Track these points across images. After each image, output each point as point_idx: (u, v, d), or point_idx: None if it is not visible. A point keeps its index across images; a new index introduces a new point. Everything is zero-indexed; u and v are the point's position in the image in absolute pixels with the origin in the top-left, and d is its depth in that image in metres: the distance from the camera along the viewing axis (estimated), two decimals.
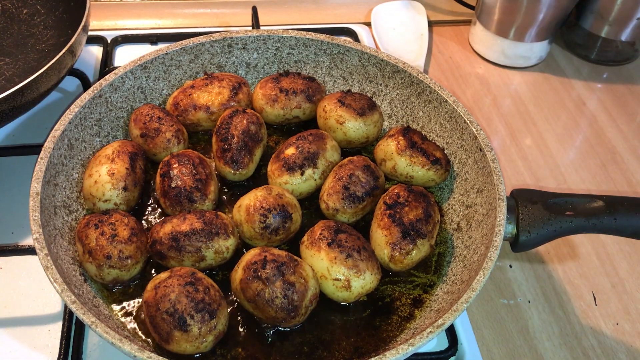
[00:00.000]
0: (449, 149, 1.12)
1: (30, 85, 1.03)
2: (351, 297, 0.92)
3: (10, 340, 0.96)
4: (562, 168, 1.33)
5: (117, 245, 0.91)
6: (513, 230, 0.96)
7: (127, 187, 1.00)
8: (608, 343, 1.04)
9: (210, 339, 0.85)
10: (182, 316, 0.83)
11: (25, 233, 1.09)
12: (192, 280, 0.86)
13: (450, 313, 0.82)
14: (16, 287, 1.03)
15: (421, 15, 1.63)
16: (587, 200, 0.96)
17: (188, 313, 0.83)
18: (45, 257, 0.84)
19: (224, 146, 1.06)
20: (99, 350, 0.95)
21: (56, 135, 0.99)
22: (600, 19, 1.49)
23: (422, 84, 1.15)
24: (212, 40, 1.20)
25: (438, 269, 1.01)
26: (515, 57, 1.53)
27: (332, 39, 1.21)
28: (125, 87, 1.13)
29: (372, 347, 0.91)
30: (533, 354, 1.02)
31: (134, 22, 1.56)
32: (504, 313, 1.07)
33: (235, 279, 0.91)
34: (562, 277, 1.13)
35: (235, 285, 0.91)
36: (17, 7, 1.39)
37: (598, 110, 1.46)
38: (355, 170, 1.03)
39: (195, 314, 0.83)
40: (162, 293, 0.85)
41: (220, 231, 0.94)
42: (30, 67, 1.28)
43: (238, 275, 0.90)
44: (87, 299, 0.88)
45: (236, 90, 1.16)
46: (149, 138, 1.08)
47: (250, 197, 0.99)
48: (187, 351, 0.85)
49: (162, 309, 0.84)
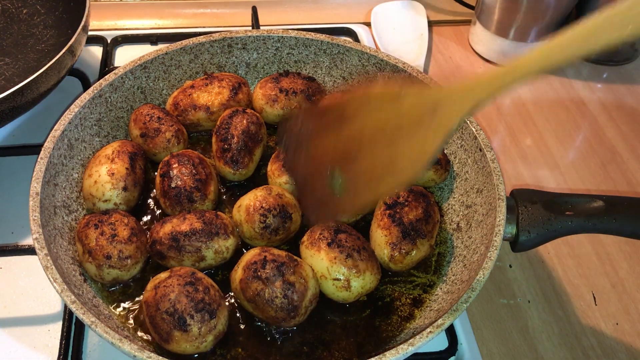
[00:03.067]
0: (449, 149, 1.12)
1: (30, 85, 1.03)
2: (351, 297, 0.92)
3: (10, 340, 0.96)
4: (562, 168, 1.33)
5: (117, 245, 0.91)
6: (513, 230, 0.96)
7: (127, 187, 1.00)
8: (608, 343, 1.04)
9: (210, 338, 0.85)
10: (182, 316, 0.83)
11: (25, 233, 1.09)
12: (192, 280, 0.86)
13: (450, 313, 0.82)
14: (16, 287, 1.03)
15: (421, 15, 1.62)
16: (587, 200, 0.96)
17: (188, 313, 0.83)
18: (45, 257, 0.84)
19: (224, 146, 1.06)
20: (99, 350, 0.95)
21: (56, 135, 0.99)
22: None
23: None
24: (212, 40, 1.20)
25: (438, 269, 1.01)
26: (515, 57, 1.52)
27: (332, 39, 1.21)
28: (125, 87, 1.13)
29: (372, 347, 0.91)
30: (533, 354, 1.02)
31: (134, 22, 1.56)
32: (504, 313, 1.07)
33: (235, 279, 0.91)
34: (562, 277, 1.13)
35: (235, 285, 0.91)
36: (17, 7, 1.39)
37: (598, 110, 1.46)
38: None
39: (195, 314, 0.83)
40: (162, 293, 0.85)
41: (220, 231, 0.94)
42: (30, 67, 1.28)
43: (238, 275, 0.90)
44: (87, 299, 0.88)
45: (236, 90, 1.16)
46: (149, 138, 1.08)
47: (250, 197, 0.99)
48: (187, 351, 0.85)
49: (162, 308, 0.84)
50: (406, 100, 0.72)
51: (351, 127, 0.76)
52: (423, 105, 0.71)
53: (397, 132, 0.73)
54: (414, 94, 0.72)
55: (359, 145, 0.76)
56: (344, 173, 0.78)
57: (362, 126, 0.75)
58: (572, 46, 0.60)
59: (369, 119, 0.75)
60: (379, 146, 0.75)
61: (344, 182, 0.78)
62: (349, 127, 0.76)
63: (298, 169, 0.85)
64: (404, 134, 0.73)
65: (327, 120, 0.79)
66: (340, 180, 0.78)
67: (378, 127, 0.74)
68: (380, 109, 0.73)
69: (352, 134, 0.76)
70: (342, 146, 0.77)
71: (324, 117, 0.79)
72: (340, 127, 0.77)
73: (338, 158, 0.78)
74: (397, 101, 0.72)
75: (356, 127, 0.76)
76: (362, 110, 0.75)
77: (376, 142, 0.75)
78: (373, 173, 0.76)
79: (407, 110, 0.72)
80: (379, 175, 0.76)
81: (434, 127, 0.70)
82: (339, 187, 0.79)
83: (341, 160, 0.78)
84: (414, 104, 0.71)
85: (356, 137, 0.76)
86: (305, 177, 0.84)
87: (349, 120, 0.76)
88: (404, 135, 0.72)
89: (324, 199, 0.81)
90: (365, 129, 0.75)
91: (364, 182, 0.77)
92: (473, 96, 0.68)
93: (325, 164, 0.79)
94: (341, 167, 0.78)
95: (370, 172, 0.76)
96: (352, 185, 0.78)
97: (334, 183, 0.79)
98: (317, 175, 0.81)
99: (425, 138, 0.71)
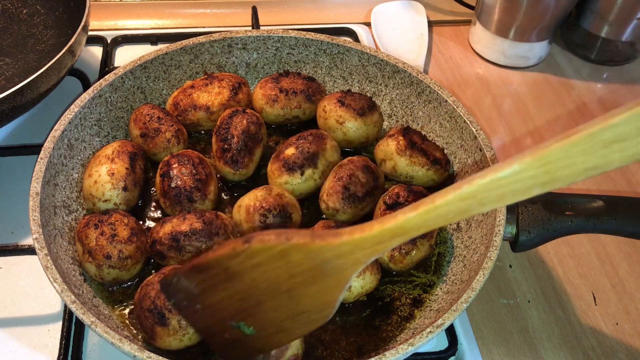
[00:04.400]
0: (449, 149, 1.12)
1: (30, 85, 1.03)
2: (351, 297, 0.92)
3: (10, 340, 0.96)
4: None
5: (116, 245, 0.92)
6: (513, 230, 0.96)
7: (127, 187, 1.00)
8: (608, 343, 1.04)
9: (191, 331, 0.84)
10: (161, 311, 0.84)
11: (25, 233, 1.09)
12: None
13: (450, 313, 0.82)
14: (16, 287, 1.03)
15: (421, 15, 1.62)
16: (587, 200, 0.96)
17: (166, 307, 0.84)
18: (45, 257, 0.84)
19: (224, 146, 1.06)
20: (99, 350, 0.95)
21: (56, 135, 0.99)
22: (600, 19, 1.49)
23: (422, 84, 1.15)
24: (212, 40, 1.20)
25: (438, 268, 1.01)
26: (515, 57, 1.52)
27: (332, 39, 1.21)
28: (125, 87, 1.13)
29: (372, 347, 0.91)
30: (533, 354, 1.02)
31: (134, 22, 1.56)
32: (504, 313, 1.07)
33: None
34: (562, 277, 1.13)
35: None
36: (17, 7, 1.39)
37: (598, 110, 1.46)
38: (355, 171, 1.03)
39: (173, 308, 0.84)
40: (145, 292, 0.86)
41: (220, 231, 0.94)
42: (30, 67, 1.28)
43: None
44: (87, 299, 0.88)
45: (236, 90, 1.16)
46: (148, 138, 1.08)
47: (250, 197, 0.99)
48: (172, 346, 0.85)
49: (145, 307, 0.85)
50: (293, 256, 0.68)
51: (241, 283, 0.72)
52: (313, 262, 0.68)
53: (292, 286, 0.71)
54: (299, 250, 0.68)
55: (257, 298, 0.73)
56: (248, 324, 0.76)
57: (252, 281, 0.71)
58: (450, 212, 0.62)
59: (259, 274, 0.71)
60: (278, 299, 0.72)
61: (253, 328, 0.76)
62: (239, 283, 0.72)
63: (198, 324, 0.81)
64: (300, 289, 0.71)
65: (210, 277, 0.73)
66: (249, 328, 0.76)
67: (271, 282, 0.71)
68: (268, 263, 0.69)
69: (244, 288, 0.72)
70: (238, 300, 0.74)
71: (206, 274, 0.74)
72: (229, 282, 0.73)
73: (238, 311, 0.75)
74: (283, 256, 0.68)
75: (247, 283, 0.72)
76: (248, 266, 0.70)
77: (274, 295, 0.72)
78: (280, 320, 0.75)
79: (297, 265, 0.69)
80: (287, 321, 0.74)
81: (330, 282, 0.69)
82: (248, 330, 0.76)
83: (242, 314, 0.75)
84: (303, 259, 0.68)
85: (250, 292, 0.72)
86: (209, 328, 0.80)
87: (236, 276, 0.72)
88: (301, 289, 0.71)
89: (235, 339, 0.78)
90: (258, 283, 0.71)
91: (273, 328, 0.76)
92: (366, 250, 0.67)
93: (226, 317, 0.76)
94: (244, 318, 0.76)
95: (276, 319, 0.75)
96: (262, 330, 0.76)
97: (241, 327, 0.76)
98: (221, 326, 0.78)
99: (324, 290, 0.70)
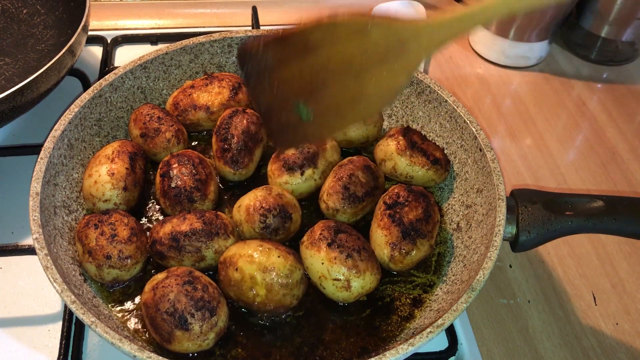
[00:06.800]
0: (449, 149, 1.12)
1: (30, 85, 1.04)
2: (351, 297, 0.92)
3: (10, 340, 0.96)
4: (562, 168, 1.33)
5: (117, 245, 0.91)
6: (513, 230, 0.96)
7: (127, 187, 1.00)
8: (608, 343, 1.04)
9: (211, 336, 0.85)
10: (183, 315, 0.83)
11: (25, 233, 1.09)
12: (190, 279, 0.86)
13: (450, 313, 0.82)
14: (16, 287, 1.03)
15: (421, 15, 1.62)
16: (587, 200, 0.96)
17: (188, 312, 0.83)
18: (45, 257, 0.84)
19: (224, 146, 1.06)
20: (99, 350, 0.95)
21: (56, 135, 0.99)
22: (600, 19, 1.49)
23: (422, 83, 1.15)
24: (212, 40, 1.20)
25: (438, 269, 1.01)
26: (515, 57, 1.53)
27: None
28: (125, 87, 1.13)
29: (372, 347, 0.91)
30: (533, 354, 1.02)
31: (134, 22, 1.56)
32: (504, 313, 1.07)
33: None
34: (562, 277, 1.13)
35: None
36: (17, 7, 1.39)
37: (598, 110, 1.46)
38: (355, 170, 1.03)
39: (196, 312, 0.83)
40: (161, 294, 0.85)
41: (220, 231, 0.94)
42: (30, 67, 1.28)
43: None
44: (87, 299, 0.88)
45: (236, 90, 1.16)
46: (149, 138, 1.08)
47: (250, 197, 0.99)
48: (189, 350, 0.85)
49: (162, 309, 0.84)
50: (373, 33, 0.70)
51: (316, 58, 0.73)
52: (390, 41, 0.69)
53: (363, 66, 0.71)
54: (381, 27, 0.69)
55: (325, 77, 0.74)
56: (309, 104, 0.76)
57: (327, 58, 0.73)
58: None
59: (335, 51, 0.72)
60: (345, 79, 0.73)
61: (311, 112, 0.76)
62: (314, 58, 0.73)
63: (261, 98, 0.81)
64: (370, 69, 0.71)
65: (289, 49, 0.75)
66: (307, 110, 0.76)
67: (344, 60, 0.72)
68: (347, 40, 0.71)
69: (317, 65, 0.73)
70: (307, 77, 0.75)
71: (286, 45, 0.75)
72: (305, 57, 0.73)
73: (303, 89, 0.76)
74: (364, 33, 0.70)
75: (321, 59, 0.73)
76: (328, 41, 0.72)
77: (342, 75, 0.73)
78: (340, 104, 0.75)
79: (374, 44, 0.70)
80: (346, 106, 0.75)
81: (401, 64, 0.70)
82: (305, 114, 0.77)
83: (306, 92, 0.76)
84: (381, 38, 0.70)
85: (321, 69, 0.74)
86: (270, 105, 0.80)
87: (313, 51, 0.73)
88: (371, 70, 0.71)
89: (290, 123, 0.79)
90: (331, 61, 0.73)
91: (331, 112, 0.76)
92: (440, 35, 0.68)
93: (290, 95, 0.77)
94: (307, 98, 0.76)
95: (336, 103, 0.75)
96: (319, 114, 0.77)
97: (300, 110, 0.77)
98: (282, 104, 0.78)
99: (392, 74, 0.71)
